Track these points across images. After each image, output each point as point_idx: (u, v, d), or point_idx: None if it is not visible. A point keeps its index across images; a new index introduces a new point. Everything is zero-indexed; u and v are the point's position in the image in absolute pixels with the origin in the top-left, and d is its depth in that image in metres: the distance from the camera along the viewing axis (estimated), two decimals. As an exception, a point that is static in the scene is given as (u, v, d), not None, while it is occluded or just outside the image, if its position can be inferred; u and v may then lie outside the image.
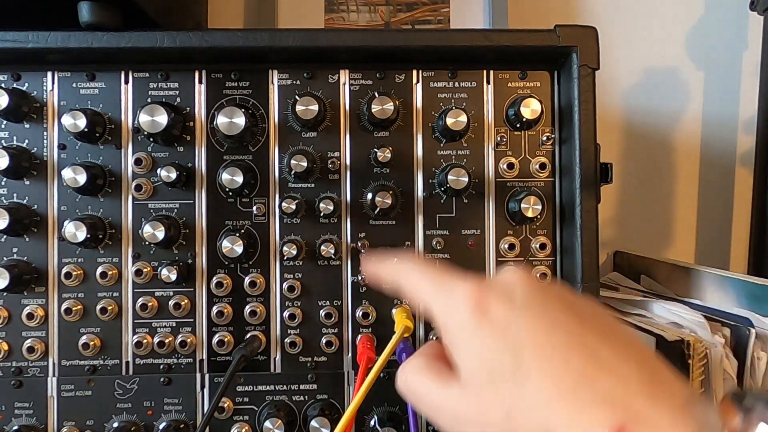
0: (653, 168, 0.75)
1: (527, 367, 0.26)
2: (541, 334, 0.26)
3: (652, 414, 0.23)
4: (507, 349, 0.26)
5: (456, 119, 0.45)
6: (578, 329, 0.27)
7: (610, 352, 0.26)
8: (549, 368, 0.25)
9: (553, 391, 0.25)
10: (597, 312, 0.30)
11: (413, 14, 0.68)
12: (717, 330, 0.45)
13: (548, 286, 0.30)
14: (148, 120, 0.44)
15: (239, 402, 0.47)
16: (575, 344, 0.26)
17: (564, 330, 0.27)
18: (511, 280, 0.30)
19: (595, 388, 0.24)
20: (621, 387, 0.24)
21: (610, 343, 0.26)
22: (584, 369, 0.25)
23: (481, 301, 0.28)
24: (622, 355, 0.26)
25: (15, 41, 0.43)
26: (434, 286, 0.31)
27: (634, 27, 0.74)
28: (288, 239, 0.46)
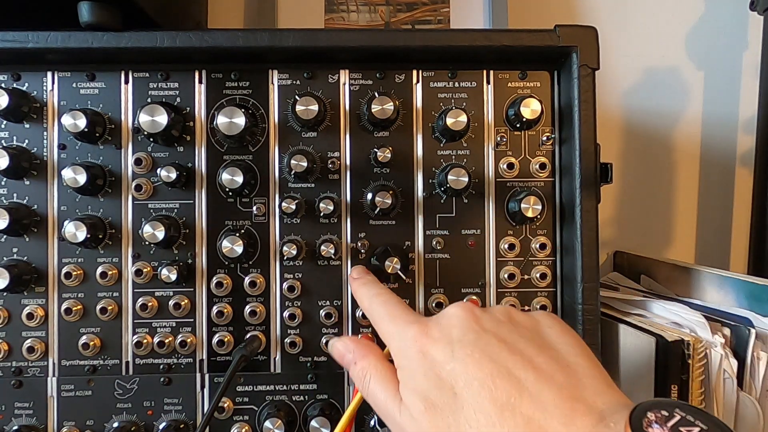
0: (653, 168, 0.75)
1: (461, 400, 0.29)
2: (472, 368, 0.30)
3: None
4: (444, 386, 0.30)
5: (456, 119, 0.45)
6: (507, 357, 0.30)
7: (534, 375, 0.29)
8: (478, 399, 0.29)
9: (482, 420, 0.28)
10: (537, 329, 0.34)
11: (413, 14, 0.68)
12: (717, 330, 0.45)
13: (487, 316, 0.34)
14: (148, 120, 0.44)
15: (239, 402, 0.47)
16: (502, 373, 0.29)
17: (492, 360, 0.30)
18: (450, 317, 0.35)
19: (517, 414, 0.28)
20: (539, 412, 0.27)
21: (536, 365, 0.30)
22: (508, 397, 0.28)
23: (423, 345, 0.33)
24: (545, 377, 0.29)
25: (15, 41, 0.43)
26: (390, 327, 0.36)
27: (634, 27, 0.74)
28: (288, 239, 0.46)
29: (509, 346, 0.31)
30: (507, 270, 0.47)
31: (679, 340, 0.43)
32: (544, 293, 0.48)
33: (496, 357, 0.30)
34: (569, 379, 0.29)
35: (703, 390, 0.43)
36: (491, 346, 0.31)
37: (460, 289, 0.47)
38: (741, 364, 0.43)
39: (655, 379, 0.43)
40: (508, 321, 0.34)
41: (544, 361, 0.30)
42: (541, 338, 0.33)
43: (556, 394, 0.28)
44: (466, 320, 0.34)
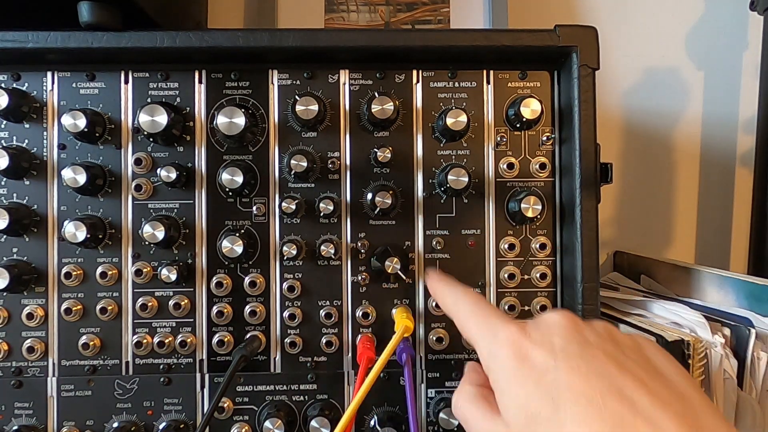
0: (653, 168, 0.75)
1: (564, 414, 0.26)
2: (578, 382, 0.27)
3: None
4: (544, 396, 0.27)
5: (456, 119, 0.45)
6: (617, 375, 0.27)
7: (649, 400, 0.26)
8: (584, 416, 0.26)
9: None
10: (641, 352, 0.30)
11: (413, 14, 0.68)
12: (717, 330, 0.45)
13: (590, 329, 0.31)
14: (148, 120, 0.44)
15: (239, 402, 0.47)
16: (612, 392, 0.26)
17: (601, 376, 0.27)
18: (552, 324, 0.31)
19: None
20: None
21: (651, 389, 0.27)
22: (621, 418, 0.25)
23: (521, 347, 0.30)
24: (661, 403, 0.26)
25: (15, 41, 0.43)
26: (480, 327, 0.33)
27: (634, 27, 0.74)
28: (288, 239, 0.46)
29: (619, 365, 0.28)
30: (507, 270, 0.47)
31: (679, 340, 0.43)
32: (544, 293, 0.48)
33: (605, 373, 0.27)
34: (687, 410, 0.26)
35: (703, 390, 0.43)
36: (598, 361, 0.28)
37: (460, 289, 0.47)
38: (741, 364, 0.43)
39: (655, 379, 0.43)
40: (609, 338, 0.31)
41: (658, 386, 0.27)
42: (649, 362, 0.30)
43: (677, 424, 0.25)
44: (570, 329, 0.30)
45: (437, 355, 0.47)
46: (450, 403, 0.46)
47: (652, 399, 0.26)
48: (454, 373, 0.47)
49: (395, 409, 0.47)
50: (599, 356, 0.28)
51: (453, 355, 0.47)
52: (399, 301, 0.47)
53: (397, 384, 0.47)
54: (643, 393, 0.26)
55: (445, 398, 0.47)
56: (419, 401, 0.47)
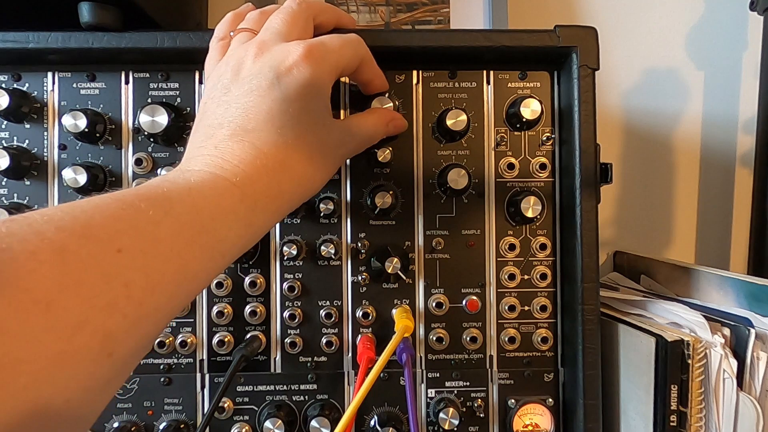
0: (653, 168, 0.75)
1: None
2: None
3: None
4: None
5: (456, 119, 0.45)
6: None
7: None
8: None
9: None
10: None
11: (413, 14, 0.68)
12: (717, 330, 0.45)
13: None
14: (149, 120, 0.44)
15: (239, 402, 0.47)
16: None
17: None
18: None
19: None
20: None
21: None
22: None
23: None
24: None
25: (15, 41, 0.43)
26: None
27: (634, 27, 0.74)
28: (288, 239, 0.46)
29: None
30: (507, 270, 0.47)
31: (679, 340, 0.43)
32: (544, 293, 0.48)
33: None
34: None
35: (703, 390, 0.43)
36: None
37: (460, 289, 0.47)
38: (741, 364, 0.43)
39: (654, 379, 0.43)
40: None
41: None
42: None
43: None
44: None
45: (437, 355, 0.47)
46: (450, 403, 0.46)
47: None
48: (454, 373, 0.47)
49: (395, 409, 0.47)
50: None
51: (453, 355, 0.47)
52: (399, 301, 0.47)
53: (397, 384, 0.47)
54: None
55: (445, 398, 0.47)
56: (419, 401, 0.47)
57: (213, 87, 0.37)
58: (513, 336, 0.47)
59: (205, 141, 0.34)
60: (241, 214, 0.32)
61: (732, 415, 0.43)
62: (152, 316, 0.27)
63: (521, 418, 0.47)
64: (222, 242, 0.31)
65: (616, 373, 0.49)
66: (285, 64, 0.35)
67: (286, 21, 0.38)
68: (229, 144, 0.33)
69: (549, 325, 0.48)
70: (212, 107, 0.36)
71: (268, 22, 0.39)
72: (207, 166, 0.32)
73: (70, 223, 0.24)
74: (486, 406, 0.47)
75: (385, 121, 0.44)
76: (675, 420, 0.43)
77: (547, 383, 0.48)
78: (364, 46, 0.41)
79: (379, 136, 0.44)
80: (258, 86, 0.35)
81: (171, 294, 0.28)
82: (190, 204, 0.29)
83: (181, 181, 0.30)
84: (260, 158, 0.33)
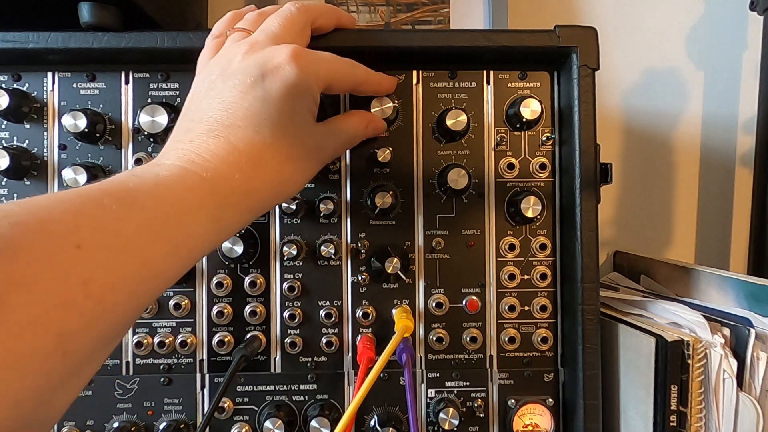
0: (653, 168, 0.75)
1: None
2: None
3: None
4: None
5: (456, 119, 0.45)
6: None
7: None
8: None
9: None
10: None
11: (413, 14, 0.68)
12: (717, 330, 0.45)
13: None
14: (149, 120, 0.44)
15: (239, 402, 0.47)
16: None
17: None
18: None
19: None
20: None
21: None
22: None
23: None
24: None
25: (15, 41, 0.43)
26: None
27: (634, 27, 0.74)
28: (288, 239, 0.46)
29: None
30: (507, 270, 0.47)
31: (679, 340, 0.43)
32: (544, 293, 0.48)
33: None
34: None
35: (703, 390, 0.43)
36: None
37: (460, 289, 0.47)
38: (741, 364, 0.43)
39: (654, 379, 0.43)
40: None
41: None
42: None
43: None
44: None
45: (437, 355, 0.47)
46: (450, 403, 0.46)
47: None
48: (454, 373, 0.47)
49: (395, 409, 0.47)
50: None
51: (453, 355, 0.47)
52: (399, 301, 0.47)
53: (397, 384, 0.47)
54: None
55: (445, 398, 0.47)
56: (419, 401, 0.47)
57: (200, 82, 0.37)
58: (513, 336, 0.47)
59: (182, 135, 0.34)
60: (210, 210, 0.31)
61: (732, 415, 0.43)
62: (112, 314, 0.26)
63: (521, 418, 0.47)
64: (189, 238, 0.30)
65: (616, 373, 0.49)
66: (271, 63, 0.35)
67: (282, 24, 0.39)
68: (204, 139, 0.33)
69: (549, 325, 0.48)
70: (196, 102, 0.36)
71: (264, 24, 0.39)
72: (178, 160, 0.32)
73: (25, 218, 0.24)
74: (486, 406, 0.47)
75: (365, 123, 0.44)
76: (675, 420, 0.43)
77: (547, 383, 0.48)
78: (361, 69, 0.41)
79: (359, 138, 0.44)
80: (242, 83, 0.35)
81: (133, 291, 0.27)
82: (156, 198, 0.29)
83: (148, 175, 0.30)
84: (234, 154, 0.33)
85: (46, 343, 0.23)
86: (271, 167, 0.35)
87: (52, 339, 0.23)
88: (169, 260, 0.29)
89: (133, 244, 0.27)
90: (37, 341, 0.22)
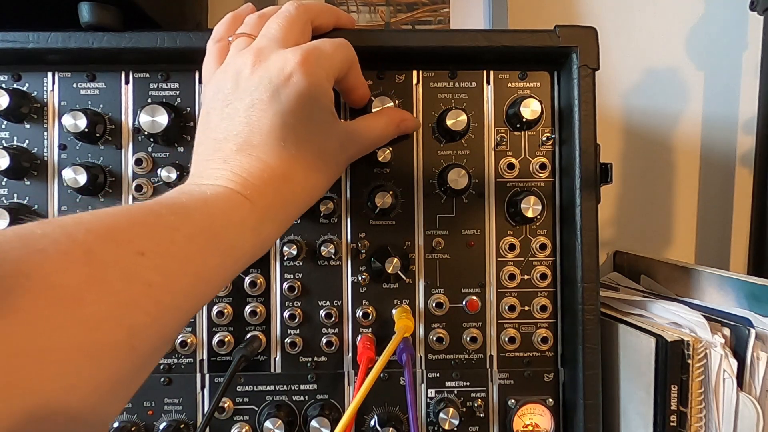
0: (653, 168, 0.75)
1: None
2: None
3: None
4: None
5: (456, 119, 0.45)
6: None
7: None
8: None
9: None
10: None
11: (413, 14, 0.68)
12: (717, 330, 0.45)
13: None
14: (149, 120, 0.44)
15: (239, 402, 0.47)
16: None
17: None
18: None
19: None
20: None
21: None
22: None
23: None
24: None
25: (15, 41, 0.43)
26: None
27: (634, 27, 0.74)
28: (288, 239, 0.46)
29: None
30: (507, 270, 0.47)
31: (679, 340, 0.43)
32: (544, 293, 0.48)
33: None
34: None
35: (703, 390, 0.43)
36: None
37: (460, 289, 0.47)
38: (741, 364, 0.43)
39: (654, 379, 0.43)
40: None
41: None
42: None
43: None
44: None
45: (437, 355, 0.47)
46: (450, 403, 0.46)
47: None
48: (454, 373, 0.47)
49: (395, 409, 0.47)
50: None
51: (453, 355, 0.47)
52: (399, 301, 0.47)
53: (397, 384, 0.47)
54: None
55: (445, 398, 0.47)
56: (419, 401, 0.47)
57: (213, 97, 0.38)
58: (513, 336, 0.47)
59: (212, 154, 0.36)
60: (251, 225, 0.33)
61: (732, 415, 0.43)
62: (171, 314, 0.29)
63: (521, 418, 0.47)
64: (233, 249, 0.33)
65: (616, 373, 0.49)
66: (283, 74, 0.36)
67: (283, 26, 0.39)
68: (237, 158, 0.35)
69: (549, 325, 0.48)
70: (215, 119, 0.37)
71: (266, 28, 0.39)
72: (218, 180, 0.34)
73: (96, 227, 0.27)
74: (486, 406, 0.47)
75: (396, 122, 0.44)
76: (675, 420, 0.43)
77: (547, 383, 0.48)
78: (353, 50, 0.41)
79: (389, 138, 0.44)
80: (259, 100, 0.36)
81: (187, 294, 0.30)
82: (206, 213, 0.31)
83: (197, 193, 0.33)
84: (267, 171, 0.35)
85: (119, 336, 0.25)
86: (299, 178, 0.37)
87: (124, 334, 0.26)
88: (217, 269, 0.32)
89: (186, 253, 0.30)
90: (111, 334, 0.25)
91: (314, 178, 0.38)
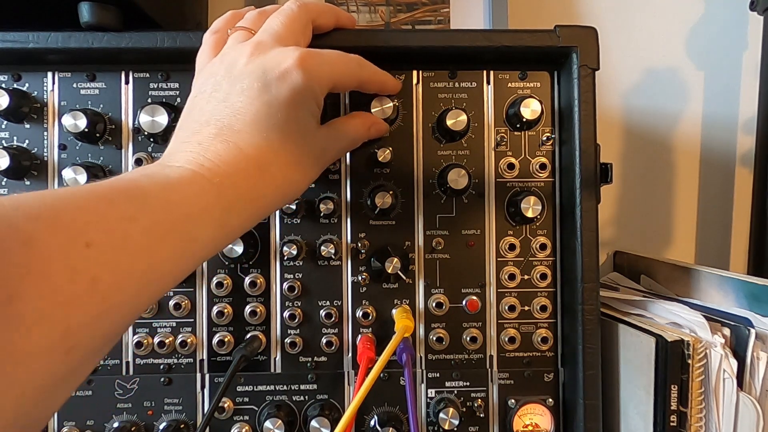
0: (653, 168, 0.75)
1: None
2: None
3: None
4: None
5: (456, 119, 0.45)
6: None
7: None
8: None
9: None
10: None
11: (413, 14, 0.68)
12: (717, 330, 0.45)
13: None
14: (149, 120, 0.44)
15: (239, 402, 0.47)
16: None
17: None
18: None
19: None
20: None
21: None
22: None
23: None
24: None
25: (15, 41, 0.43)
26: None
27: (634, 27, 0.74)
28: (288, 239, 0.46)
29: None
30: (507, 270, 0.47)
31: (679, 340, 0.43)
32: (544, 293, 0.48)
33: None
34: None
35: (703, 390, 0.43)
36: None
37: (460, 289, 0.47)
38: (741, 364, 0.43)
39: (654, 379, 0.43)
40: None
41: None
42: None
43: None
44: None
45: (437, 355, 0.47)
46: (450, 403, 0.46)
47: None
48: (454, 373, 0.47)
49: (395, 409, 0.47)
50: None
51: (453, 355, 0.47)
52: (399, 301, 0.47)
53: (397, 384, 0.47)
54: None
55: (445, 398, 0.47)
56: (419, 401, 0.47)
57: (204, 83, 0.37)
58: (513, 336, 0.47)
59: (190, 137, 0.34)
60: (216, 215, 0.31)
61: (732, 415, 0.43)
62: (116, 313, 0.26)
63: (521, 418, 0.47)
64: (193, 243, 0.30)
65: (616, 373, 0.49)
66: (279, 69, 0.35)
67: (284, 23, 0.38)
68: (213, 143, 0.33)
69: (549, 325, 0.48)
70: (201, 103, 0.36)
71: (266, 24, 0.39)
72: (188, 163, 0.32)
73: (39, 212, 0.24)
74: (486, 406, 0.47)
75: (367, 125, 0.44)
76: (675, 420, 0.43)
77: (547, 383, 0.48)
78: (367, 69, 0.41)
79: (360, 140, 0.44)
80: (249, 87, 0.35)
81: (137, 292, 0.27)
82: (165, 200, 0.29)
83: (159, 177, 0.30)
84: (242, 160, 0.33)
85: (53, 338, 0.23)
86: (277, 173, 0.35)
87: (58, 336, 0.23)
88: (173, 263, 0.29)
89: (141, 246, 0.27)
90: (45, 337, 0.22)
91: (294, 176, 0.37)
